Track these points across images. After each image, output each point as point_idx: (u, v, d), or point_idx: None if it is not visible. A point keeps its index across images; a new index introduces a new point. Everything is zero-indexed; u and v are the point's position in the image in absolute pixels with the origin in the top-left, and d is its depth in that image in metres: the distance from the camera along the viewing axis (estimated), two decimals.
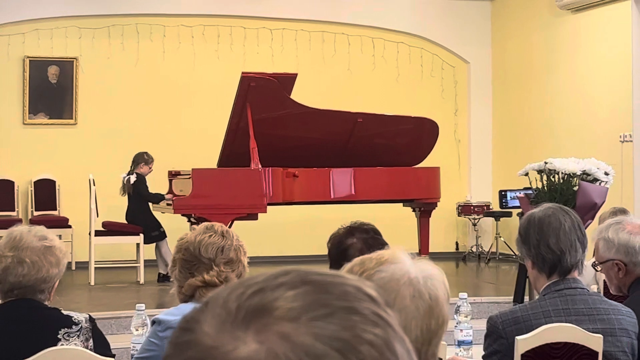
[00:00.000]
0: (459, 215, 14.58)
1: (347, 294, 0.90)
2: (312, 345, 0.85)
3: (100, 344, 3.69)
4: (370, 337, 0.87)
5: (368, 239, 3.75)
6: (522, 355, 3.51)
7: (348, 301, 0.90)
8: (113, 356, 3.69)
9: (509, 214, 13.50)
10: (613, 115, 12.18)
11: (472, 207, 14.38)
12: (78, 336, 3.62)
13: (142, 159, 11.60)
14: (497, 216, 13.98)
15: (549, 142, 13.32)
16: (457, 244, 15.02)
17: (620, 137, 12.00)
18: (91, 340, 3.66)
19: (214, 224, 3.68)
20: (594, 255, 4.34)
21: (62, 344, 3.57)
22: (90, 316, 3.73)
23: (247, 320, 0.87)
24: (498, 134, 14.99)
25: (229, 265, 3.57)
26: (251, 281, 0.92)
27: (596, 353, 3.56)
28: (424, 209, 11.87)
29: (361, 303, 0.90)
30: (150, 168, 11.63)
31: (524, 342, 3.50)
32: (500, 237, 13.99)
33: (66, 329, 3.61)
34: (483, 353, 3.65)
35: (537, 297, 3.78)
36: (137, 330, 4.46)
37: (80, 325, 3.64)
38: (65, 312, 3.67)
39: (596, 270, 4.55)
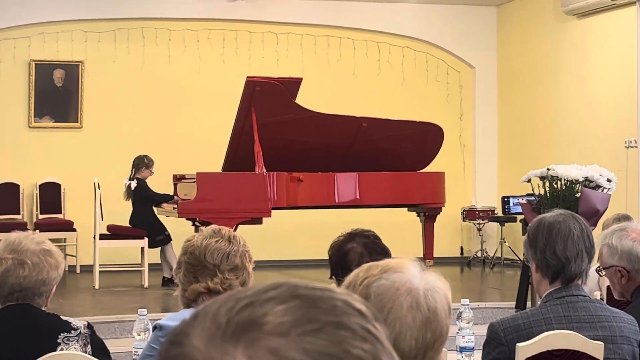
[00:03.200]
0: (463, 220, 14.57)
1: (336, 308, 0.91)
2: None
3: (99, 350, 3.70)
4: (358, 352, 0.88)
5: (369, 243, 3.74)
6: None
7: (337, 316, 0.90)
8: None
9: (514, 219, 13.48)
10: (618, 121, 12.17)
11: (477, 212, 14.37)
12: (77, 341, 3.63)
13: (142, 163, 11.57)
14: (502, 221, 13.96)
15: (554, 147, 13.32)
16: (461, 249, 15.01)
17: (626, 142, 11.99)
18: (89, 346, 3.66)
19: (222, 228, 3.63)
20: (598, 260, 4.34)
21: (61, 349, 3.58)
22: (88, 323, 3.74)
23: (237, 334, 0.88)
24: (503, 139, 14.98)
25: (234, 272, 3.53)
26: (241, 295, 0.92)
27: None
28: (428, 213, 11.88)
29: (350, 318, 0.90)
30: (151, 171, 11.59)
31: (525, 349, 3.50)
32: (505, 242, 13.96)
33: (65, 333, 3.62)
34: None
35: (538, 301, 3.78)
36: (139, 335, 4.45)
37: (79, 331, 3.65)
38: (63, 318, 3.68)
39: (600, 275, 4.55)
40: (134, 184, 11.45)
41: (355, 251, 3.70)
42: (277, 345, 0.86)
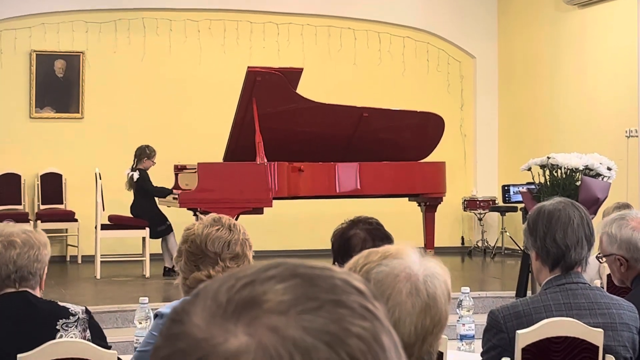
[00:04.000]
0: (464, 210, 14.58)
1: (336, 287, 0.92)
2: (301, 338, 0.86)
3: (97, 335, 3.72)
4: (358, 330, 0.88)
5: (372, 229, 3.75)
6: (523, 350, 3.52)
7: (336, 294, 0.91)
8: (109, 347, 3.71)
9: (515, 209, 13.49)
10: (619, 111, 12.17)
11: (477, 202, 14.37)
12: (76, 326, 3.64)
13: (144, 153, 11.58)
14: (502, 211, 13.97)
15: (555, 137, 13.32)
16: (462, 238, 15.02)
17: (626, 132, 12.00)
18: (88, 331, 3.68)
19: (222, 217, 3.62)
20: (598, 248, 4.36)
21: (60, 335, 3.59)
22: (86, 308, 3.75)
23: (237, 312, 0.88)
24: (504, 128, 14.98)
25: (235, 261, 3.53)
26: (241, 273, 0.93)
27: (596, 347, 3.57)
28: (429, 203, 11.88)
29: (349, 296, 0.91)
30: (153, 162, 11.60)
31: (525, 336, 3.51)
32: (505, 231, 13.98)
33: (64, 319, 3.63)
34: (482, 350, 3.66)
35: (538, 289, 3.79)
36: (140, 323, 4.47)
37: (77, 316, 3.66)
38: (61, 304, 3.70)
39: (600, 262, 4.57)
40: (136, 175, 11.46)
41: (358, 237, 3.70)
42: (277, 324, 0.87)
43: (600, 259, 4.35)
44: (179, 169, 11.72)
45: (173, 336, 0.90)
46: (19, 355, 3.38)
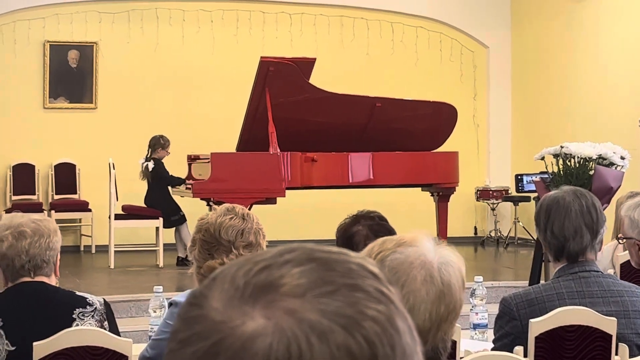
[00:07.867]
0: (477, 200, 14.57)
1: (351, 271, 0.93)
2: (317, 321, 0.88)
3: (114, 328, 3.74)
4: (373, 313, 0.90)
5: (373, 225, 3.73)
6: (536, 338, 3.52)
7: (352, 278, 0.92)
8: None
9: (528, 199, 13.47)
10: (633, 100, 12.12)
11: (490, 192, 14.35)
12: (92, 316, 3.66)
13: (158, 143, 11.61)
14: (515, 201, 13.96)
15: (568, 126, 13.29)
16: (475, 228, 15.01)
17: None
18: (106, 323, 3.70)
19: (235, 206, 3.64)
20: (619, 230, 4.38)
21: (77, 324, 3.61)
22: (105, 300, 3.77)
23: (255, 296, 0.90)
24: (517, 118, 14.95)
25: (248, 249, 3.55)
26: (258, 258, 0.94)
27: (610, 336, 3.57)
28: (442, 193, 11.86)
29: (364, 280, 0.92)
30: (167, 152, 11.63)
31: (538, 324, 3.51)
32: (518, 221, 13.97)
33: (81, 308, 3.65)
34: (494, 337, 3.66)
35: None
36: (154, 312, 4.49)
37: (94, 307, 3.68)
38: (79, 294, 3.72)
39: (619, 243, 4.58)
40: (151, 165, 11.49)
41: (360, 234, 3.69)
42: (294, 307, 0.88)
43: (619, 240, 4.36)
44: (192, 159, 11.73)
45: (191, 319, 0.91)
46: (35, 343, 3.40)
